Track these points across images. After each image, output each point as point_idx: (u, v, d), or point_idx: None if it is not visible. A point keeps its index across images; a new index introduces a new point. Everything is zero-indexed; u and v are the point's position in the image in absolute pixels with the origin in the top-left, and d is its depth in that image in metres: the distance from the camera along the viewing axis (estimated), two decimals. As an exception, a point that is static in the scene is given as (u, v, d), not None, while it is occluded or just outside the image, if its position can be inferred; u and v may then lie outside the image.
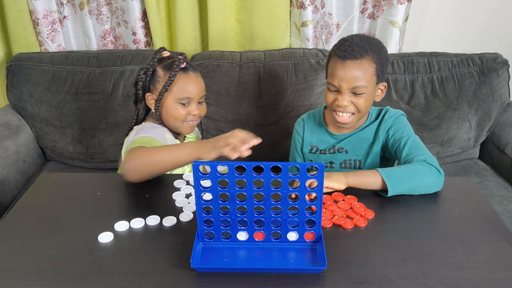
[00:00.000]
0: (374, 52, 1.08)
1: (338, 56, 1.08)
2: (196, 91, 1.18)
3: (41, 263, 0.77)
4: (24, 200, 0.98)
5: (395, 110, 1.20)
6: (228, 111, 1.72)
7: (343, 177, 0.97)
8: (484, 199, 0.97)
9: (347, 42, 1.09)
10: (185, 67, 1.16)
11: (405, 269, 0.75)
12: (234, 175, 0.73)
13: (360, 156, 1.21)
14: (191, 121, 1.20)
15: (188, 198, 0.96)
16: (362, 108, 1.11)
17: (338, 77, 1.08)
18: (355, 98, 1.09)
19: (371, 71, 1.08)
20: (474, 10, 1.85)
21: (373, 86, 1.10)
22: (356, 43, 1.08)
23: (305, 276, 0.74)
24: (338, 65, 1.08)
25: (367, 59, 1.07)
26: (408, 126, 1.16)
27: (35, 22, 1.80)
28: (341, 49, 1.08)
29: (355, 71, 1.06)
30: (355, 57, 1.06)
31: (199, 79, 1.20)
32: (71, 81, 1.71)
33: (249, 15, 1.78)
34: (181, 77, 1.15)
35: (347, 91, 1.08)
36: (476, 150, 1.82)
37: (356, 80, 1.07)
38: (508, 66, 1.73)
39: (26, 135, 1.72)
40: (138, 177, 0.97)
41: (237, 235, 0.81)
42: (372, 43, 1.10)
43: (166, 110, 1.17)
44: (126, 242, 0.83)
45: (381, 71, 1.11)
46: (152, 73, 1.17)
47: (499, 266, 0.76)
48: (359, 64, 1.06)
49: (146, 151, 0.96)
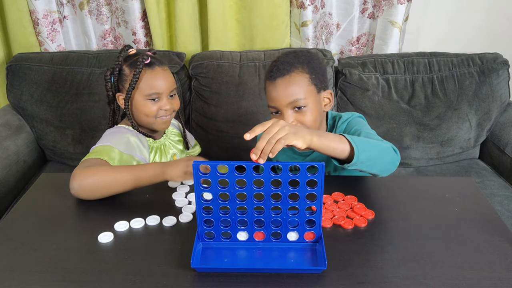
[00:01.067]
0: (303, 63, 1.06)
1: (269, 78, 1.06)
2: (164, 85, 1.15)
3: (41, 263, 0.77)
4: (24, 200, 0.98)
5: (348, 114, 1.16)
6: (228, 111, 1.72)
7: (309, 135, 0.87)
8: (484, 199, 0.97)
9: (274, 63, 1.08)
10: (150, 62, 1.14)
11: (405, 269, 0.75)
12: (234, 174, 0.73)
13: (329, 168, 1.15)
14: (164, 116, 1.17)
15: (187, 198, 0.96)
16: (309, 124, 1.05)
17: (273, 98, 1.05)
18: (299, 115, 1.04)
19: (304, 82, 1.04)
20: (474, 10, 1.85)
21: (313, 96, 1.06)
22: (282, 61, 1.06)
23: (305, 276, 0.74)
24: (270, 87, 1.05)
25: (296, 72, 1.04)
26: (364, 125, 1.11)
27: (35, 22, 1.80)
28: (269, 71, 1.07)
29: (287, 87, 1.03)
30: (283, 74, 1.04)
31: (167, 73, 1.17)
32: (71, 81, 1.71)
33: (249, 15, 1.78)
34: (146, 73, 1.13)
35: (287, 109, 1.04)
36: (476, 150, 1.82)
37: (291, 95, 1.03)
38: (508, 66, 1.73)
39: (26, 135, 1.73)
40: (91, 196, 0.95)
41: (237, 235, 0.81)
42: (299, 55, 1.08)
43: (137, 108, 1.15)
44: (126, 242, 0.83)
45: (317, 79, 1.07)
46: (118, 72, 1.15)
47: (500, 266, 0.76)
48: (288, 79, 1.04)
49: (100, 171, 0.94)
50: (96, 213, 0.92)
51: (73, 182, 0.93)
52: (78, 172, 0.95)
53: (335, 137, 0.90)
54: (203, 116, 1.74)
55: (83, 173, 0.94)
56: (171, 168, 0.94)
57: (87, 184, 0.93)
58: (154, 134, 1.22)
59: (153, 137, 1.22)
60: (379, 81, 1.72)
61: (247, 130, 0.81)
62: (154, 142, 1.21)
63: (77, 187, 0.93)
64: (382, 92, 1.72)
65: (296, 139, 0.83)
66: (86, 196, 0.94)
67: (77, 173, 0.94)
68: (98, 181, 0.94)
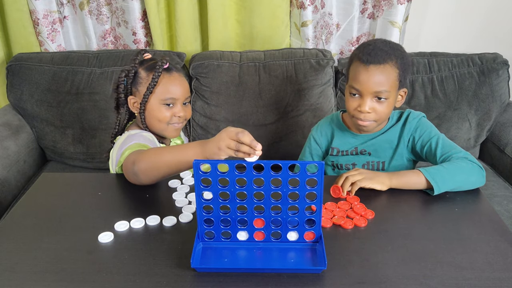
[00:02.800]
0: (397, 57, 1.07)
1: (361, 60, 1.06)
2: (180, 92, 1.14)
3: (41, 263, 0.77)
4: (24, 200, 0.98)
5: (417, 112, 1.19)
6: (228, 111, 1.72)
7: (387, 179, 0.97)
8: (484, 199, 0.97)
9: (370, 46, 1.08)
10: (168, 67, 1.13)
11: (405, 269, 0.75)
12: (235, 173, 0.73)
13: (384, 158, 1.20)
14: (177, 123, 1.16)
15: (187, 198, 0.96)
16: (383, 115, 1.10)
17: (361, 81, 1.06)
18: (377, 104, 1.08)
19: (394, 76, 1.07)
20: (474, 10, 1.85)
21: (395, 91, 1.09)
22: (380, 48, 1.07)
23: (305, 276, 0.74)
24: (361, 69, 1.06)
25: (391, 64, 1.06)
26: (433, 126, 1.16)
27: (35, 22, 1.80)
28: (364, 53, 1.07)
29: (378, 75, 1.05)
30: (379, 62, 1.05)
31: (183, 80, 1.16)
32: (71, 81, 1.71)
33: (249, 15, 1.78)
34: (164, 78, 1.12)
35: (369, 95, 1.07)
36: (476, 150, 1.82)
37: (379, 85, 1.05)
38: (508, 66, 1.73)
39: (27, 135, 1.73)
40: (148, 179, 0.95)
41: (237, 235, 0.81)
42: (395, 48, 1.09)
43: (150, 112, 1.13)
44: (126, 242, 0.83)
45: (403, 76, 1.10)
46: (134, 75, 1.13)
47: (499, 266, 0.76)
48: (382, 69, 1.05)
49: (151, 152, 0.93)
50: (96, 213, 0.92)
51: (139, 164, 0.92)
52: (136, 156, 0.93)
53: (413, 175, 0.98)
54: (203, 116, 1.74)
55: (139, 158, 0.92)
56: (208, 145, 0.86)
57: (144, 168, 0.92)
58: (163, 142, 1.20)
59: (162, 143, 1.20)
60: (379, 81, 1.72)
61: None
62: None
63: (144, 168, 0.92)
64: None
65: (373, 184, 0.96)
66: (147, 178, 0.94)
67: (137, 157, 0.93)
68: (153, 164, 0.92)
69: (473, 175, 0.99)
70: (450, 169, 0.98)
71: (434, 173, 0.97)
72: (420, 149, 1.14)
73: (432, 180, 0.95)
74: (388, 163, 1.20)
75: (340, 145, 1.23)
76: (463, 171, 0.99)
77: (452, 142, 1.10)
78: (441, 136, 1.12)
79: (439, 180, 0.95)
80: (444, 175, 0.96)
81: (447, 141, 1.10)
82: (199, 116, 1.75)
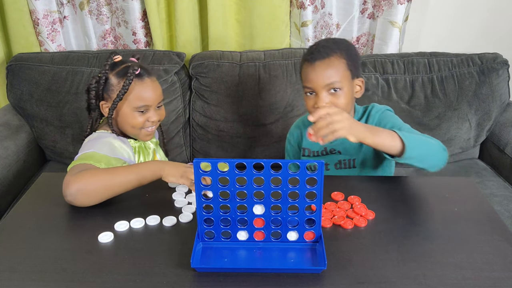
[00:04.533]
0: (341, 49, 1.11)
1: (307, 60, 1.11)
2: (153, 98, 1.12)
3: (41, 263, 0.77)
4: (24, 200, 0.98)
5: (381, 106, 1.20)
6: (228, 110, 1.72)
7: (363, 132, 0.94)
8: (484, 199, 0.97)
9: (314, 46, 1.14)
10: (140, 73, 1.10)
11: (405, 269, 0.75)
12: (235, 172, 0.73)
13: (354, 156, 1.20)
14: (150, 127, 1.15)
15: (187, 198, 0.96)
16: (342, 106, 1.10)
17: (311, 79, 1.10)
18: (333, 97, 1.09)
19: (342, 66, 1.10)
20: (474, 10, 1.85)
21: (348, 81, 1.11)
22: (322, 45, 1.12)
23: (305, 276, 0.74)
24: (309, 68, 1.10)
25: (336, 56, 1.09)
26: (398, 119, 1.15)
27: (35, 22, 1.80)
28: (309, 53, 1.12)
29: (325, 69, 1.08)
30: (323, 57, 1.09)
31: (156, 85, 1.14)
32: (71, 81, 1.71)
33: (249, 15, 1.78)
34: (136, 85, 1.09)
35: (323, 90, 1.09)
36: (476, 150, 1.82)
37: (328, 77, 1.08)
38: (508, 66, 1.73)
39: (26, 135, 1.73)
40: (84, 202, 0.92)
41: (237, 235, 0.81)
42: (338, 42, 1.14)
43: (123, 118, 1.12)
44: (126, 242, 0.83)
45: (353, 66, 1.12)
46: (105, 81, 1.11)
47: (499, 266, 0.76)
48: (328, 62, 1.09)
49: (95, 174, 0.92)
50: (96, 213, 0.92)
51: (69, 188, 0.89)
52: (71, 178, 0.90)
53: (388, 134, 0.97)
54: (203, 116, 1.74)
55: (78, 177, 0.90)
56: (170, 166, 0.94)
57: (85, 187, 0.90)
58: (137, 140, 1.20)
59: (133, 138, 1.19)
60: (379, 81, 1.72)
61: (247, 129, 0.82)
62: (135, 142, 1.18)
63: (75, 192, 0.89)
64: (382, 92, 1.72)
65: (350, 133, 0.92)
66: (84, 201, 0.91)
67: (71, 179, 0.90)
68: (96, 183, 0.91)
69: (438, 153, 1.02)
70: (422, 140, 1.01)
71: (408, 136, 0.96)
72: None
73: (405, 140, 0.94)
74: (359, 160, 1.20)
75: (310, 145, 1.25)
76: (431, 146, 1.02)
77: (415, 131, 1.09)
78: (404, 126, 1.11)
79: (411, 143, 0.95)
80: (416, 141, 0.97)
81: (411, 129, 1.10)
82: (199, 116, 1.75)
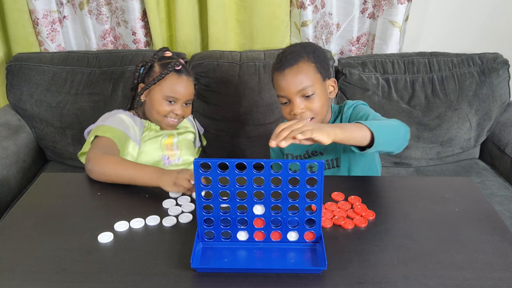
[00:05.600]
0: (309, 52, 1.11)
1: (277, 69, 1.12)
2: (183, 93, 1.25)
3: (41, 263, 0.77)
4: (24, 200, 0.98)
5: (353, 101, 1.20)
6: (228, 110, 1.72)
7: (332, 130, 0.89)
8: (484, 199, 0.97)
9: (281, 54, 1.14)
10: (180, 69, 1.25)
11: (405, 269, 0.75)
12: (235, 172, 0.73)
13: (335, 154, 1.19)
14: (172, 119, 1.28)
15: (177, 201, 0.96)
16: (318, 110, 1.11)
17: (283, 87, 1.10)
18: (308, 102, 1.10)
19: (311, 70, 1.10)
20: (474, 10, 1.85)
21: (320, 84, 1.11)
22: (289, 51, 1.12)
23: (305, 276, 0.74)
24: (280, 77, 1.11)
25: (303, 61, 1.10)
26: (368, 109, 1.14)
27: (35, 22, 1.80)
28: (277, 62, 1.12)
29: (295, 75, 1.09)
30: (291, 64, 1.09)
31: (190, 84, 1.27)
32: (71, 82, 1.71)
33: (249, 15, 1.78)
34: (173, 77, 1.24)
35: (296, 97, 1.09)
36: (476, 150, 1.82)
37: (299, 83, 1.08)
38: (508, 66, 1.73)
39: (26, 135, 1.72)
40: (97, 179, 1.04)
41: (237, 235, 0.81)
42: (304, 45, 1.14)
43: (152, 102, 1.25)
44: (126, 242, 0.83)
45: (322, 67, 1.12)
46: (149, 67, 1.27)
47: (500, 267, 0.76)
48: (296, 68, 1.09)
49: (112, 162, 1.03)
50: (96, 213, 0.92)
51: (88, 164, 1.05)
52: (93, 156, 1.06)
53: (355, 127, 0.95)
54: (203, 116, 1.74)
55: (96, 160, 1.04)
56: (165, 176, 0.96)
57: (96, 171, 1.03)
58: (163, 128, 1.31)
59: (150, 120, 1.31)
60: (379, 81, 1.72)
61: (247, 129, 0.82)
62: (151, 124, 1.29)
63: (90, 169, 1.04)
64: (382, 92, 1.72)
65: (322, 134, 0.87)
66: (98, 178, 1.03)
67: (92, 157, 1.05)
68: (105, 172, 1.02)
69: (401, 130, 1.02)
70: (383, 123, 1.01)
71: (371, 124, 0.95)
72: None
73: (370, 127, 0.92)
74: (341, 157, 1.18)
75: (292, 150, 1.26)
76: (393, 126, 1.02)
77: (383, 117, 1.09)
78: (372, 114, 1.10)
79: (376, 129, 0.93)
80: (379, 126, 0.96)
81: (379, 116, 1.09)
82: (198, 115, 1.75)
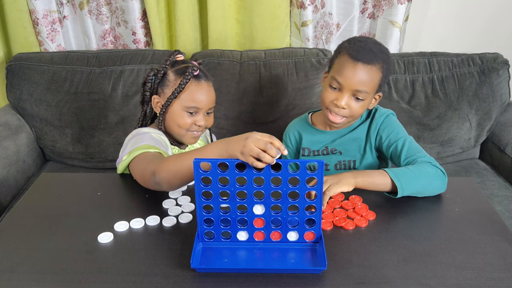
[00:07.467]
0: (384, 61, 1.07)
1: (350, 55, 1.05)
2: (205, 102, 1.11)
3: (41, 263, 0.77)
4: (24, 200, 0.98)
5: (384, 109, 1.19)
6: (228, 108, 1.72)
7: (352, 178, 0.94)
8: (484, 199, 0.97)
9: (362, 43, 1.07)
10: (198, 74, 1.10)
11: (405, 269, 0.75)
12: (235, 172, 0.73)
13: (354, 157, 1.19)
14: (196, 132, 1.14)
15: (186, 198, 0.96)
16: (356, 114, 1.10)
17: (346, 76, 1.05)
18: (353, 102, 1.08)
19: (376, 79, 1.07)
20: (475, 10, 1.84)
21: (372, 94, 1.10)
22: (370, 48, 1.06)
23: (305, 276, 0.74)
24: (348, 64, 1.05)
25: (377, 67, 1.06)
26: (401, 126, 1.15)
27: (35, 22, 1.80)
28: (354, 49, 1.05)
29: (363, 74, 1.04)
30: (367, 62, 1.04)
31: (211, 89, 1.13)
32: (70, 81, 1.71)
33: (249, 15, 1.78)
34: (192, 85, 1.09)
35: (349, 92, 1.06)
36: (476, 150, 1.82)
37: (362, 84, 1.05)
38: (508, 66, 1.73)
39: (26, 135, 1.72)
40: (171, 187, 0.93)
41: (237, 235, 0.81)
42: (383, 51, 1.09)
43: (172, 116, 1.11)
44: (126, 242, 0.83)
45: (383, 81, 1.10)
46: (162, 75, 1.11)
47: (500, 267, 0.76)
48: (369, 68, 1.05)
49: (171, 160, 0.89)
50: (96, 213, 0.92)
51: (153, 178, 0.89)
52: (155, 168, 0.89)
53: (378, 175, 0.96)
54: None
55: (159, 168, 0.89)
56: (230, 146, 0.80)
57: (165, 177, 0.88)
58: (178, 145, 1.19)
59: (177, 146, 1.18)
60: (379, 81, 1.72)
61: (248, 128, 0.82)
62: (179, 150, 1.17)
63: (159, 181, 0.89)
64: (382, 92, 1.72)
65: (340, 187, 0.92)
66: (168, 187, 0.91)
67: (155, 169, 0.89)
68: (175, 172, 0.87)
69: (436, 180, 0.97)
70: (415, 172, 0.97)
71: (399, 173, 0.95)
72: (386, 149, 1.13)
73: (397, 181, 0.93)
74: (359, 161, 1.19)
75: (310, 144, 1.23)
76: (427, 175, 0.97)
77: (418, 146, 1.08)
78: (408, 138, 1.10)
79: (404, 181, 0.93)
80: (409, 177, 0.94)
81: (414, 144, 1.09)
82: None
